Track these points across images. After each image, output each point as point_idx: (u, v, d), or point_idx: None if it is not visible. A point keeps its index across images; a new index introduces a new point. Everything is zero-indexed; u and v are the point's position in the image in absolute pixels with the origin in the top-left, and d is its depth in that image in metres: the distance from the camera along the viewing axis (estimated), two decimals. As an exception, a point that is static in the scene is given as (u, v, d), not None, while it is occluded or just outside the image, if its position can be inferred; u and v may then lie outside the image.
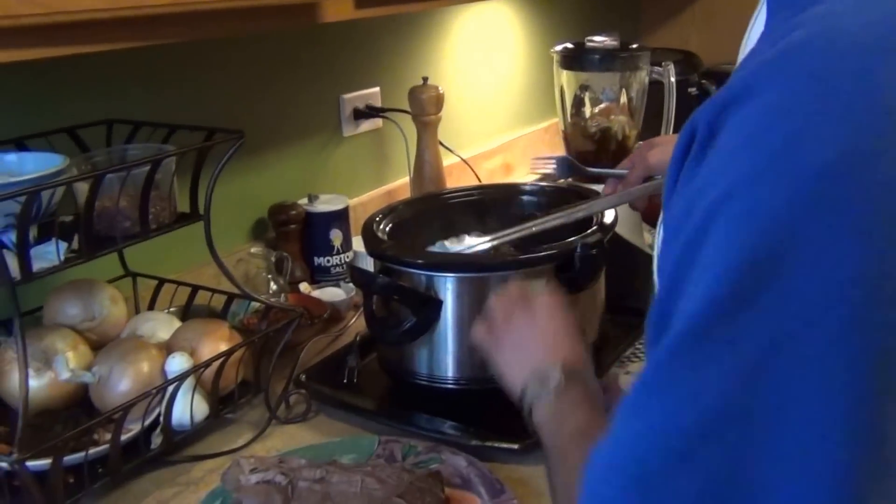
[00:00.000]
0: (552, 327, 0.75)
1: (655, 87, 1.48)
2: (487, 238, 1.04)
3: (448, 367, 0.97)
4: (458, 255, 1.02)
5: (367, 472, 0.77)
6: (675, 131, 1.45)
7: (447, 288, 0.95)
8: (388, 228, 1.06)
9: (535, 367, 0.70)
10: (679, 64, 1.52)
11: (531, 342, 0.74)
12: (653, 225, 1.21)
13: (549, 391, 0.68)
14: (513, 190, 1.26)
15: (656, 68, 1.45)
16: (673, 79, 1.43)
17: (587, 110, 1.47)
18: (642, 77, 1.45)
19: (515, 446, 0.89)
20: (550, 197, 1.20)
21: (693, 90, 1.83)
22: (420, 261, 0.96)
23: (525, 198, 1.22)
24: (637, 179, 1.13)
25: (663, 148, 1.12)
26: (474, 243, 1.04)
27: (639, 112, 1.48)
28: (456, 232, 1.16)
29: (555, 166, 1.40)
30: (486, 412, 0.91)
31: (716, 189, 0.39)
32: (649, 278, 1.28)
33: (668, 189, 0.46)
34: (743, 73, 0.41)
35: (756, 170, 0.38)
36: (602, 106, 1.45)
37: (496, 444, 0.89)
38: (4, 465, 0.77)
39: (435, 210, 1.17)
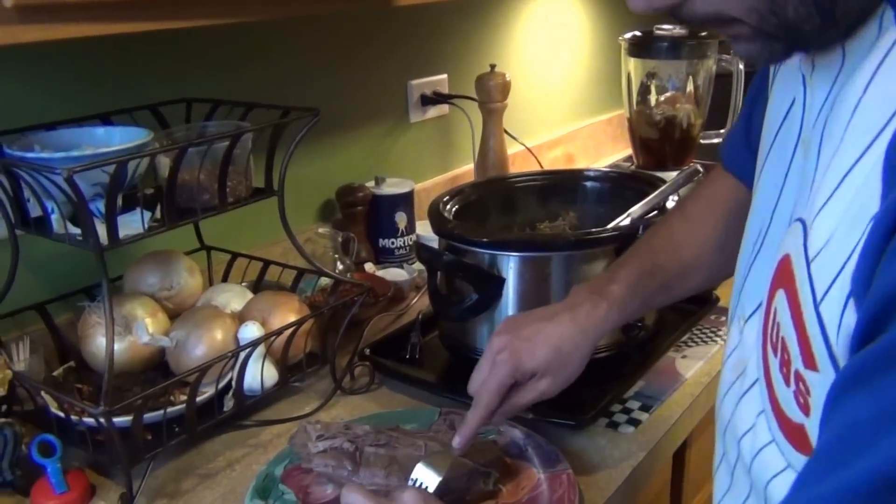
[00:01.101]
0: None
1: (722, 80, 1.46)
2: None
3: (508, 344, 0.99)
4: (522, 234, 1.03)
5: (429, 437, 0.79)
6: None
7: (510, 266, 0.97)
8: (454, 209, 1.08)
9: None
10: (747, 62, 1.50)
11: None
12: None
13: None
14: (576, 175, 1.27)
15: (724, 56, 1.43)
16: (741, 67, 1.41)
17: (653, 98, 1.46)
18: (709, 66, 1.44)
19: (571, 422, 0.90)
20: (614, 183, 1.21)
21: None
22: (484, 239, 0.98)
23: (588, 184, 1.23)
24: (496, 389, 0.80)
25: (527, 343, 0.81)
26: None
27: (704, 101, 1.47)
28: (519, 216, 1.18)
29: None
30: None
31: None
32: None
33: (861, 272, 0.44)
34: None
35: None
36: (668, 94, 1.45)
37: (553, 419, 0.90)
38: (91, 420, 0.82)
39: (500, 193, 1.19)
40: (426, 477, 0.75)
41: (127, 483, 0.80)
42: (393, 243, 1.40)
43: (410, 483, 0.75)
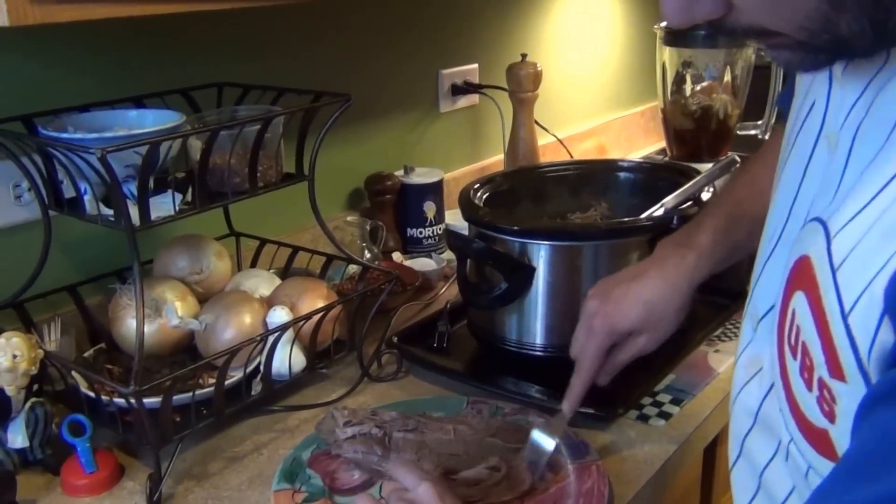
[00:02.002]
0: None
1: (759, 72, 1.43)
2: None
3: (537, 334, 0.98)
4: (553, 222, 1.02)
5: (458, 422, 0.78)
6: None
7: (540, 255, 0.95)
8: (484, 197, 1.07)
9: None
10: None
11: None
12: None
13: None
14: (608, 166, 1.25)
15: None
16: (780, 57, 1.38)
17: (688, 88, 1.44)
18: (748, 55, 1.42)
19: (601, 413, 0.89)
20: (647, 174, 1.19)
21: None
22: (515, 227, 0.97)
23: (621, 174, 1.21)
24: (597, 354, 0.83)
25: (618, 305, 0.83)
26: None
27: (742, 92, 1.44)
28: (550, 206, 1.17)
29: None
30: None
31: None
32: (742, 261, 1.26)
33: None
34: None
35: None
36: (704, 84, 1.42)
37: (581, 410, 0.89)
38: (121, 400, 0.82)
39: (531, 183, 1.18)
40: (543, 440, 0.80)
41: (155, 463, 0.81)
42: (421, 233, 1.40)
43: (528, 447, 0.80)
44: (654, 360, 0.99)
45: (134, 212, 0.80)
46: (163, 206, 0.84)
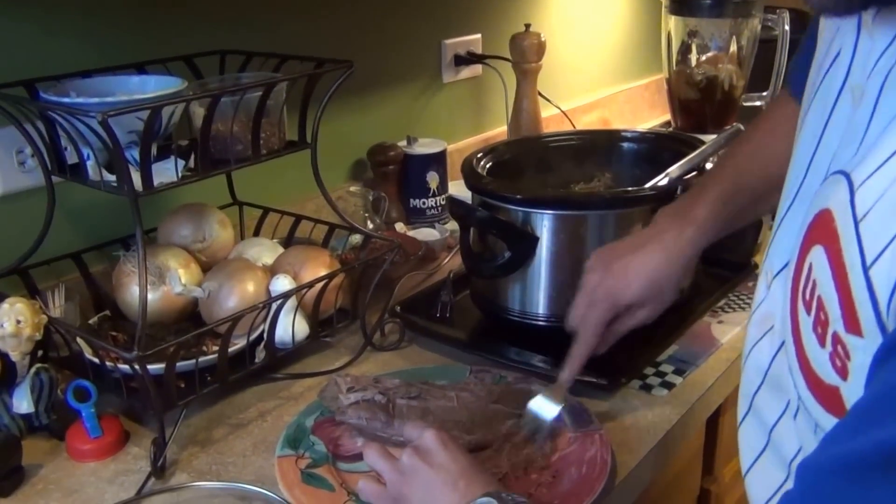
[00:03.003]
0: (456, 466, 0.67)
1: (765, 46, 1.42)
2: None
3: (540, 303, 0.98)
4: (557, 192, 1.02)
5: (461, 389, 0.79)
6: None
7: (544, 225, 0.95)
8: (487, 166, 1.07)
9: None
10: (793, 23, 1.45)
11: (441, 489, 0.65)
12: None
13: None
14: (612, 136, 1.24)
15: (769, 16, 1.39)
16: (787, 27, 1.36)
17: (693, 58, 1.43)
18: (754, 25, 1.40)
19: (604, 381, 0.90)
20: (651, 144, 1.18)
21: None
22: (518, 196, 0.96)
23: (625, 145, 1.20)
24: (598, 325, 0.84)
25: (620, 279, 0.83)
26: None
27: (747, 62, 1.43)
28: (553, 176, 1.16)
29: None
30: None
31: None
32: (747, 233, 1.25)
33: None
34: None
35: None
36: (710, 54, 1.41)
37: (585, 379, 0.89)
38: (125, 367, 0.83)
39: (534, 153, 1.17)
40: (545, 407, 0.81)
41: (159, 429, 0.81)
42: (424, 203, 1.39)
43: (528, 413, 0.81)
44: (657, 330, 1.00)
45: (136, 178, 0.79)
46: (166, 172, 0.84)
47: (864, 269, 0.46)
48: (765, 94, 1.47)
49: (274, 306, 0.91)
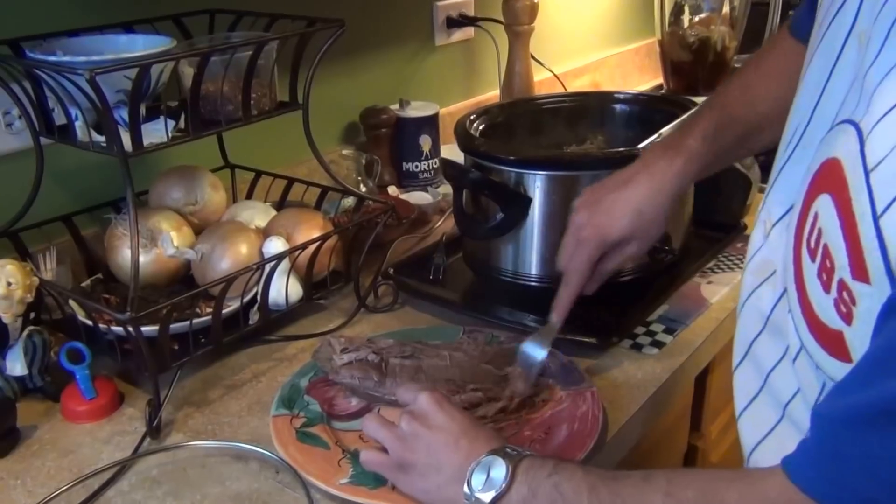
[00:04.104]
0: (455, 425, 0.67)
1: (757, 8, 1.41)
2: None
3: (533, 264, 0.98)
4: (549, 152, 1.01)
5: (454, 348, 0.79)
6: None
7: (536, 185, 0.95)
8: (480, 128, 1.06)
9: (470, 468, 0.63)
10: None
11: (444, 451, 0.66)
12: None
13: (500, 483, 0.61)
14: (605, 98, 1.24)
15: (763, -23, 1.38)
16: (781, -12, 1.36)
17: (686, 20, 1.42)
18: (748, -14, 1.39)
19: (594, 340, 0.90)
20: (643, 106, 1.18)
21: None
22: (511, 157, 0.96)
23: (617, 106, 1.20)
24: (586, 265, 0.83)
25: (608, 215, 0.81)
26: None
27: (740, 24, 1.42)
28: (546, 138, 1.16)
29: None
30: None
31: None
32: (736, 194, 1.25)
33: None
34: None
35: None
36: (702, 15, 1.40)
37: (576, 338, 0.90)
38: (119, 329, 0.83)
39: (527, 115, 1.17)
40: (534, 350, 0.81)
41: (154, 390, 0.81)
42: (417, 167, 1.39)
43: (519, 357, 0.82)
44: (648, 291, 1.01)
45: (126, 138, 0.79)
46: (155, 132, 0.83)
47: (875, 217, 0.46)
48: (757, 56, 1.46)
49: (267, 268, 0.91)
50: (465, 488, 0.63)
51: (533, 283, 0.99)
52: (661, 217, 0.81)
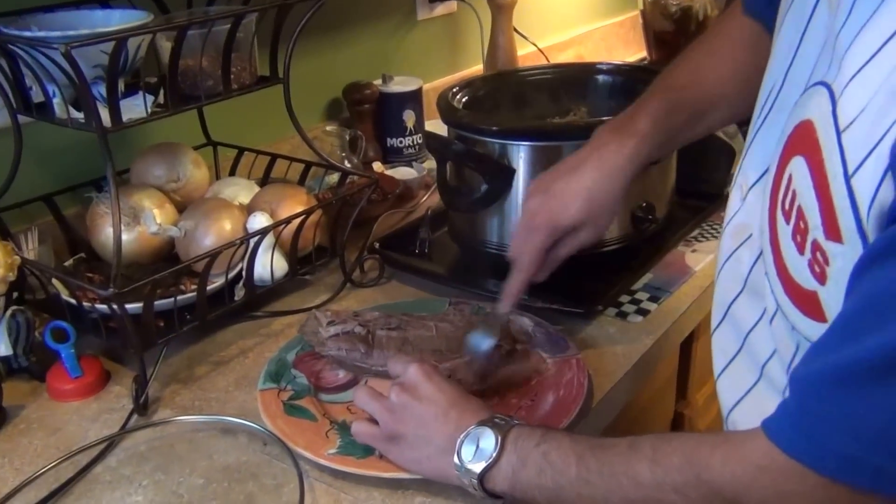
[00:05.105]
0: (444, 397, 0.67)
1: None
2: None
3: (518, 235, 0.98)
4: (532, 123, 1.01)
5: (440, 319, 0.79)
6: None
7: (520, 156, 0.95)
8: (463, 100, 1.06)
9: (459, 439, 0.64)
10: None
11: (434, 422, 0.66)
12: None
13: (490, 453, 0.62)
14: (587, 69, 1.23)
15: (745, -55, 1.37)
16: (763, -44, 1.35)
17: (669, -10, 1.41)
18: (730, -46, 1.38)
19: (580, 309, 0.91)
20: (626, 76, 1.18)
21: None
22: (494, 128, 0.96)
23: (600, 78, 1.19)
24: (537, 253, 0.80)
25: (559, 200, 0.79)
26: None
27: (724, -7, 1.42)
28: (529, 110, 1.16)
29: None
30: (552, 279, 0.92)
31: None
32: (719, 163, 1.25)
33: None
34: None
35: None
36: (685, -15, 1.39)
37: (561, 308, 0.90)
38: (103, 307, 0.82)
39: (510, 87, 1.16)
40: (481, 340, 0.79)
41: (140, 367, 0.81)
42: (401, 142, 1.39)
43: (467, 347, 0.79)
44: (632, 260, 1.01)
45: (104, 114, 0.78)
46: (134, 108, 0.82)
47: (846, 178, 0.46)
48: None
49: (251, 243, 0.90)
50: (456, 459, 0.63)
51: (518, 255, 0.99)
52: (612, 202, 0.78)
